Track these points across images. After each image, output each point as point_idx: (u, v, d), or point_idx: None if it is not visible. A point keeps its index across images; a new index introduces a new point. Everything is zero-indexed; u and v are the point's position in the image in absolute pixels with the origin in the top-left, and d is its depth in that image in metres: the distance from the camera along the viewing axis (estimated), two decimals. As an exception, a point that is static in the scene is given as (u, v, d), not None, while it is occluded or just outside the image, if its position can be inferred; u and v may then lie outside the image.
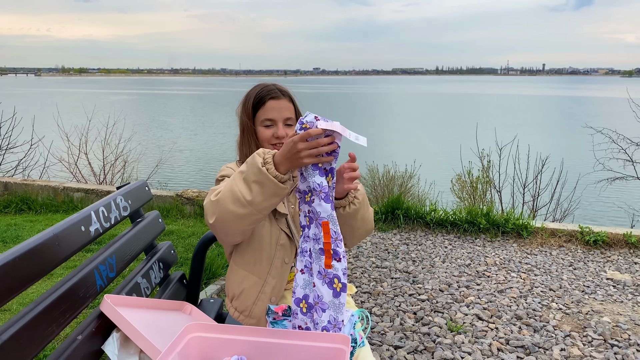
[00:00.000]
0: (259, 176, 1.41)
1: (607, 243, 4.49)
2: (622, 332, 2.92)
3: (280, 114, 1.71)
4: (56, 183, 6.31)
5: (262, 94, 1.73)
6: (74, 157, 9.54)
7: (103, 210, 1.59)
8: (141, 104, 48.32)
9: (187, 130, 27.85)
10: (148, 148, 17.93)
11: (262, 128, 1.72)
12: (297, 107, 1.78)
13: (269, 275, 1.70)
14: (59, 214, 5.81)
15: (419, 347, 2.73)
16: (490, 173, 8.62)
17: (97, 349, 1.35)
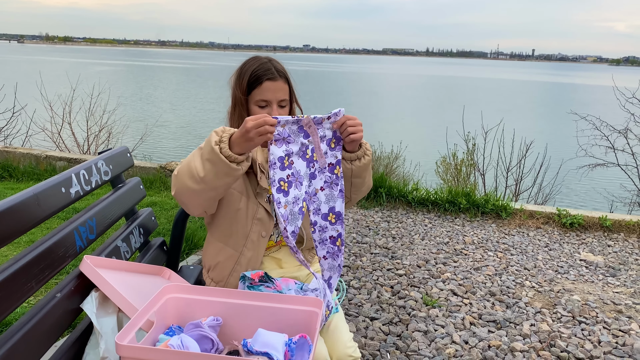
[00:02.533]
0: (211, 155, 1.45)
1: (583, 226, 4.60)
2: (590, 310, 3.02)
3: (275, 95, 1.70)
4: (38, 151, 6.26)
5: (259, 73, 1.70)
6: (57, 127, 9.42)
7: (84, 173, 1.61)
8: (127, 75, 47.62)
9: (172, 104, 27.56)
10: (133, 120, 17.75)
11: (255, 107, 1.71)
12: (292, 87, 1.78)
13: (244, 248, 1.72)
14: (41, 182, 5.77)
15: (394, 319, 2.81)
16: (474, 156, 8.71)
17: (75, 307, 1.38)
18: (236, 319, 1.37)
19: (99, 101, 10.39)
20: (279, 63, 1.77)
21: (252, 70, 1.71)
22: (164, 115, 22.19)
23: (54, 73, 28.72)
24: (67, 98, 9.76)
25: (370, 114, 26.80)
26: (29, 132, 9.45)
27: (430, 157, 10.77)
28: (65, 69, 31.13)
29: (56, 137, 9.37)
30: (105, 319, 1.37)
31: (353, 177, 1.69)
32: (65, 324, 1.33)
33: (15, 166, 6.05)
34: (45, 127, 9.48)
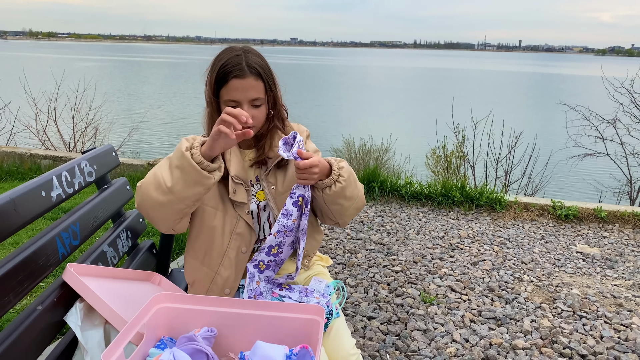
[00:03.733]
0: (181, 160, 1.34)
1: (578, 217, 4.56)
2: (590, 304, 2.97)
3: (245, 95, 1.50)
4: (22, 149, 6.10)
5: (226, 70, 1.50)
6: (42, 124, 9.24)
7: (66, 175, 1.51)
8: (113, 71, 47.07)
9: (159, 100, 27.28)
10: (120, 116, 17.53)
11: (225, 107, 1.47)
12: (271, 83, 1.57)
13: (221, 267, 1.58)
14: (25, 181, 5.63)
15: (392, 317, 2.73)
16: (464, 148, 8.69)
17: (58, 319, 1.28)
18: (232, 330, 1.28)
19: (85, 97, 10.20)
20: (256, 55, 1.56)
21: (220, 66, 1.52)
22: (151, 111, 21.96)
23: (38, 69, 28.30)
24: (52, 95, 9.57)
25: (359, 107, 26.72)
26: (14, 130, 9.26)
27: (420, 150, 10.74)
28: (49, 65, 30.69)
29: (41, 134, 9.19)
30: (91, 331, 1.28)
31: (328, 204, 1.56)
32: (47, 339, 1.23)
33: (-1, 165, 5.90)
34: (30, 124, 9.29)
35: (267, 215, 1.64)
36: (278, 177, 1.64)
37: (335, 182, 1.52)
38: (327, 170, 1.53)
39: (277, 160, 1.61)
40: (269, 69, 1.57)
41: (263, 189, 1.62)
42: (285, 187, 1.64)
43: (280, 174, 1.65)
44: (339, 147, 10.91)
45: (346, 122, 21.17)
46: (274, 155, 1.61)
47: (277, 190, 1.63)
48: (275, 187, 1.63)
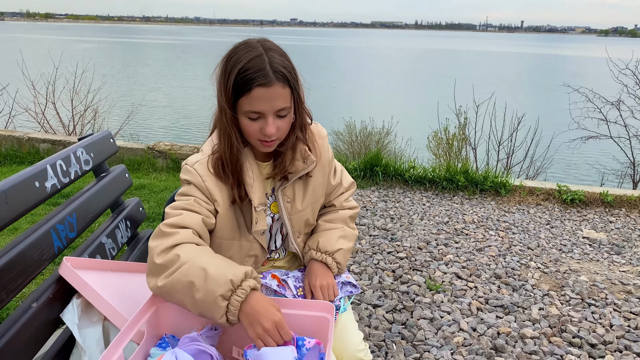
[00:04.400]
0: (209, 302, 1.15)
1: (584, 202, 4.50)
2: (599, 291, 2.93)
3: (271, 106, 1.27)
4: (20, 133, 6.02)
5: (247, 77, 1.25)
6: (41, 107, 9.14)
7: (61, 163, 1.44)
8: (112, 53, 46.67)
9: (158, 82, 27.07)
10: (119, 99, 17.39)
11: (245, 119, 1.30)
12: (296, 88, 1.34)
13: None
14: (24, 166, 5.56)
15: (397, 306, 2.69)
16: (466, 130, 8.61)
17: (55, 317, 1.23)
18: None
19: (84, 80, 10.09)
20: (279, 53, 1.32)
21: (239, 70, 1.26)
22: (150, 94, 21.80)
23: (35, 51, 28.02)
24: (50, 77, 9.46)
25: (360, 89, 26.52)
26: (12, 113, 9.17)
27: (421, 133, 10.66)
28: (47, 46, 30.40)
29: (40, 117, 9.10)
30: (88, 329, 1.22)
31: None
32: (43, 338, 1.18)
33: (-3, 149, 5.83)
34: (29, 107, 9.20)
35: (279, 224, 1.53)
36: (297, 191, 1.49)
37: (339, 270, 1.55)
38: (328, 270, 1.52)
39: (299, 175, 1.46)
40: (294, 69, 1.34)
41: (277, 201, 1.48)
42: (305, 204, 1.51)
43: (300, 187, 1.50)
44: (340, 130, 10.84)
45: (347, 104, 21.04)
46: (295, 170, 1.44)
47: (294, 207, 1.49)
48: (292, 202, 1.49)
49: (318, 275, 1.47)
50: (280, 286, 1.48)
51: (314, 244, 1.53)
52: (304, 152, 1.44)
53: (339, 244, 1.53)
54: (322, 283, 1.45)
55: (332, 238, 1.54)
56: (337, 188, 1.63)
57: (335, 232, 1.56)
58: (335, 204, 1.64)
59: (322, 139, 1.54)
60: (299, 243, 1.55)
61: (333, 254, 1.51)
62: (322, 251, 1.51)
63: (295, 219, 1.49)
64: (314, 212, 1.56)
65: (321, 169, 1.53)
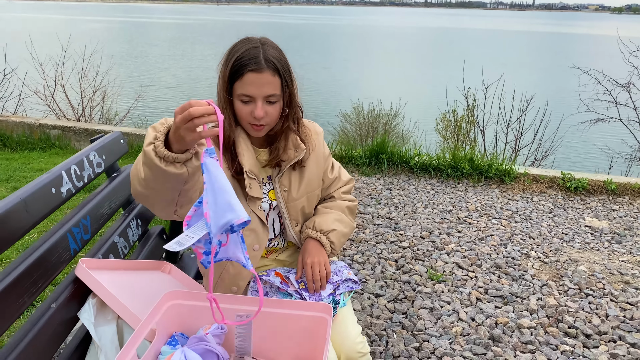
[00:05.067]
0: (145, 157, 1.20)
1: (588, 190, 4.53)
2: (597, 281, 2.99)
3: (260, 90, 1.42)
4: (31, 119, 6.11)
5: (242, 62, 1.41)
6: (50, 90, 9.22)
7: (75, 168, 1.51)
8: (119, 33, 46.55)
9: (166, 62, 27.03)
10: (127, 80, 17.44)
11: (239, 103, 1.45)
12: (288, 79, 1.48)
13: (229, 263, 1.56)
14: (35, 152, 5.67)
15: (399, 295, 2.77)
16: (474, 112, 8.61)
17: (72, 315, 1.31)
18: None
19: (92, 62, 10.14)
20: (274, 48, 1.48)
21: (236, 58, 1.42)
22: (158, 74, 21.82)
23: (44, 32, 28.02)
24: (59, 59, 9.52)
25: (369, 69, 26.36)
26: (22, 95, 9.26)
27: (430, 114, 10.66)
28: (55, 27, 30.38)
29: (49, 99, 9.19)
30: (104, 327, 1.31)
31: None
32: (62, 336, 1.27)
33: (9, 135, 5.93)
34: (38, 89, 9.28)
35: (276, 213, 1.64)
36: (292, 181, 1.62)
37: (332, 250, 1.66)
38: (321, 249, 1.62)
39: (292, 163, 1.59)
40: (287, 64, 1.49)
41: (275, 189, 1.61)
42: (300, 193, 1.62)
43: (296, 177, 1.62)
44: (347, 112, 10.85)
45: (355, 85, 20.94)
46: (288, 158, 1.57)
47: (290, 195, 1.61)
48: (288, 191, 1.61)
49: (311, 253, 1.59)
50: (283, 283, 1.57)
51: (310, 224, 1.66)
52: (296, 141, 1.57)
53: (334, 225, 1.65)
54: (314, 260, 1.57)
55: (328, 219, 1.66)
56: (335, 182, 1.77)
57: (332, 215, 1.69)
58: (334, 195, 1.78)
59: (318, 134, 1.70)
60: (297, 232, 1.67)
61: (327, 233, 1.63)
62: (317, 229, 1.63)
63: (291, 206, 1.62)
64: (310, 202, 1.68)
65: (315, 161, 1.66)
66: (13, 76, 9.07)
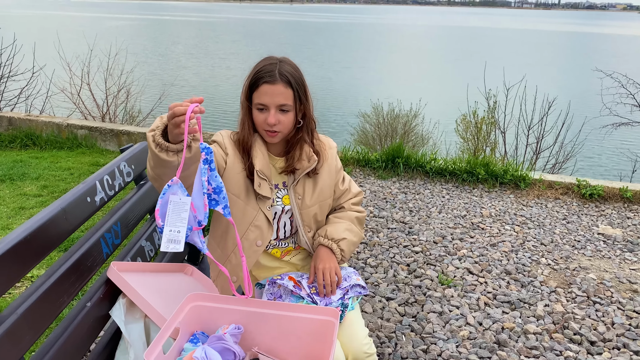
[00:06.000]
0: (147, 142, 1.38)
1: (603, 197, 4.56)
2: (605, 289, 3.05)
3: (273, 100, 1.61)
4: (60, 119, 6.34)
5: (259, 75, 1.62)
6: (76, 88, 9.50)
7: (107, 179, 1.65)
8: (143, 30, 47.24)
9: (189, 61, 27.39)
10: (151, 79, 17.75)
11: (256, 111, 1.65)
12: (298, 90, 1.65)
13: (232, 254, 1.71)
14: (63, 151, 5.88)
15: (410, 299, 2.87)
16: (495, 114, 8.60)
17: (104, 314, 1.45)
18: (256, 326, 1.43)
19: (117, 61, 10.40)
20: (291, 65, 1.67)
21: (255, 72, 1.64)
22: (181, 72, 22.13)
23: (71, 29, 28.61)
24: (85, 58, 9.78)
25: (389, 69, 26.35)
26: (49, 93, 9.55)
27: (450, 115, 10.67)
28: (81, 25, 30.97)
29: (75, 97, 9.47)
30: (133, 325, 1.45)
31: None
32: (96, 331, 1.41)
33: (39, 134, 6.16)
34: (65, 87, 9.56)
35: (288, 217, 1.77)
36: (306, 189, 1.76)
37: (342, 257, 1.78)
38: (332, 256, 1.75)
39: (305, 172, 1.73)
40: (301, 79, 1.67)
41: (289, 195, 1.75)
42: (313, 200, 1.77)
43: (309, 186, 1.77)
44: (367, 112, 10.93)
45: (375, 85, 20.97)
46: (301, 167, 1.72)
47: (303, 203, 1.76)
48: (302, 199, 1.76)
49: (323, 259, 1.73)
50: (295, 286, 1.69)
51: (322, 232, 1.79)
52: (309, 152, 1.73)
53: (344, 234, 1.79)
54: (325, 266, 1.71)
55: (339, 228, 1.80)
56: (345, 193, 1.91)
57: (343, 225, 1.82)
58: (344, 206, 1.91)
59: (332, 149, 1.86)
60: (309, 237, 1.80)
61: (338, 241, 1.77)
62: (329, 238, 1.77)
63: (304, 213, 1.76)
64: (322, 210, 1.82)
65: (328, 172, 1.81)
66: (41, 74, 9.35)
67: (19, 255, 1.17)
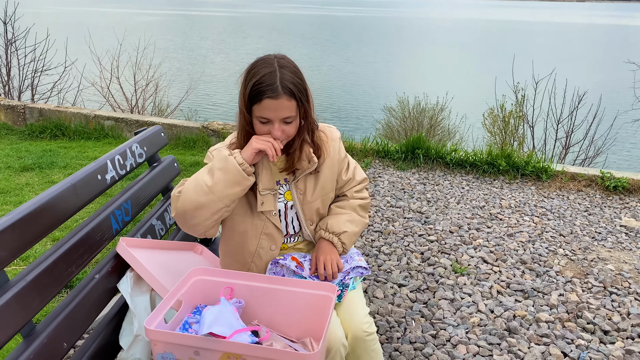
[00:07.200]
0: (223, 163, 1.51)
1: (628, 189, 4.47)
2: (623, 280, 3.00)
3: (277, 114, 1.56)
4: (87, 111, 6.51)
5: (260, 88, 1.54)
6: (106, 82, 9.73)
7: (119, 158, 1.72)
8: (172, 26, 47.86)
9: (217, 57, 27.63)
10: (178, 72, 18.00)
11: (257, 121, 1.60)
12: (301, 99, 1.60)
13: (252, 264, 1.74)
14: (90, 141, 6.05)
15: (422, 286, 2.88)
16: (524, 107, 8.46)
17: (112, 286, 1.52)
18: (257, 301, 1.47)
19: (145, 55, 10.59)
20: (290, 70, 1.59)
21: (255, 83, 1.55)
22: (209, 67, 22.37)
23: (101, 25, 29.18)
24: (115, 53, 10.01)
25: (416, 63, 26.11)
26: (80, 87, 9.81)
27: (477, 109, 10.53)
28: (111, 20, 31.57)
29: (105, 91, 9.70)
30: (139, 297, 1.50)
31: None
32: (104, 302, 1.47)
33: (67, 125, 6.35)
34: (95, 81, 9.81)
35: (294, 212, 1.78)
36: (308, 185, 1.76)
37: (344, 250, 1.80)
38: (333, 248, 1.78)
39: (307, 172, 1.73)
40: (302, 85, 1.61)
41: (291, 191, 1.76)
42: (315, 196, 1.77)
43: (311, 181, 1.76)
44: (392, 106, 10.88)
45: (401, 79, 20.81)
46: (302, 168, 1.71)
47: (305, 198, 1.76)
48: (304, 194, 1.76)
49: (324, 252, 1.75)
50: (298, 267, 1.73)
51: (324, 225, 1.80)
52: (309, 153, 1.70)
53: (345, 227, 1.79)
54: (327, 258, 1.73)
55: (340, 221, 1.81)
56: (349, 182, 1.90)
57: (344, 217, 1.83)
58: (347, 194, 1.91)
59: (334, 141, 1.83)
60: (312, 230, 1.82)
61: (339, 234, 1.78)
62: (330, 231, 1.78)
63: (306, 208, 1.77)
64: (324, 203, 1.83)
65: (330, 166, 1.80)
66: (73, 68, 9.61)
67: (29, 225, 1.23)
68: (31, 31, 9.24)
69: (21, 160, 5.09)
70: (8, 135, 6.31)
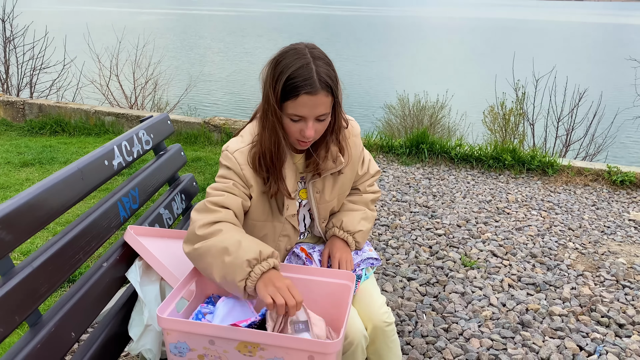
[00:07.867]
0: (232, 287, 1.31)
1: (635, 183, 4.42)
2: (636, 273, 2.95)
3: (313, 112, 1.40)
4: (88, 106, 6.45)
5: (296, 83, 1.37)
6: (105, 79, 9.68)
7: (126, 144, 1.66)
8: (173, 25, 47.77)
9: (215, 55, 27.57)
10: (178, 71, 17.95)
11: (288, 120, 1.43)
12: (337, 95, 1.46)
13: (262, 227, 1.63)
14: (91, 137, 5.99)
15: (431, 279, 2.83)
16: (524, 105, 8.43)
17: (121, 275, 1.46)
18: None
19: (145, 52, 10.54)
20: (325, 62, 1.43)
21: (288, 77, 1.38)
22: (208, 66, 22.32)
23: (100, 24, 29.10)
24: (114, 50, 9.95)
25: (415, 61, 26.07)
26: (79, 85, 9.75)
27: (477, 107, 10.50)
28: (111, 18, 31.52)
29: (104, 89, 9.65)
30: (148, 287, 1.45)
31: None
32: (112, 292, 1.41)
33: (67, 121, 6.28)
34: (94, 79, 9.75)
35: (306, 210, 1.70)
36: (326, 184, 1.64)
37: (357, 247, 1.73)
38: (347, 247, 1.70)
39: (329, 173, 1.61)
40: (337, 78, 1.46)
41: (307, 190, 1.64)
42: (332, 195, 1.67)
43: (329, 180, 1.64)
44: (392, 104, 10.83)
45: (401, 77, 20.77)
46: (325, 168, 1.58)
47: (322, 198, 1.65)
48: (321, 194, 1.65)
49: (339, 250, 1.66)
50: (307, 258, 1.67)
51: (338, 222, 1.71)
52: (335, 153, 1.58)
53: (360, 226, 1.71)
54: (342, 256, 1.64)
55: (354, 219, 1.71)
56: (364, 176, 1.81)
57: (358, 214, 1.74)
58: (360, 188, 1.82)
59: (355, 136, 1.70)
60: (323, 227, 1.74)
61: (354, 234, 1.70)
62: (345, 230, 1.69)
63: (322, 207, 1.68)
64: (340, 202, 1.75)
65: (351, 166, 1.69)
66: (72, 66, 9.55)
67: (35, 209, 1.18)
68: (30, 29, 9.18)
69: (21, 156, 5.03)
70: (7, 132, 6.24)
